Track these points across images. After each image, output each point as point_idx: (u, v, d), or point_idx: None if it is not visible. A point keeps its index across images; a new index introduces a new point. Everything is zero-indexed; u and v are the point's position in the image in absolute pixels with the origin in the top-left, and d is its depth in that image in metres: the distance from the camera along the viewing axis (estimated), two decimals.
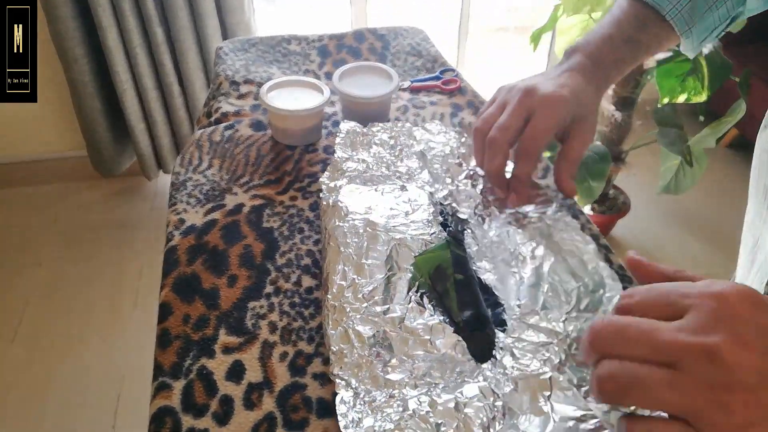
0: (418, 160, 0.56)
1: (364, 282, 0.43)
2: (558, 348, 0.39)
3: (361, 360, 0.38)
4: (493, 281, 0.45)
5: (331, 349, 0.39)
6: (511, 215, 0.50)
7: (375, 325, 0.40)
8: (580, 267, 0.43)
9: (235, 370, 0.41)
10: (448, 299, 0.42)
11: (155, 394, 0.40)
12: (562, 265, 0.44)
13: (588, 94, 0.51)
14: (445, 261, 0.44)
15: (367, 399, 0.36)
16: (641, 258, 0.32)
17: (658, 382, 0.24)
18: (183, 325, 0.44)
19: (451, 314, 0.41)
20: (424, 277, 0.43)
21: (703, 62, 1.12)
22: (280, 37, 0.83)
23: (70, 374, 1.38)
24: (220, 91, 0.73)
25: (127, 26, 1.50)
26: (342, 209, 0.48)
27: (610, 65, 0.53)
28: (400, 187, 0.52)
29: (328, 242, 0.46)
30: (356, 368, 0.38)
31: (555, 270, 0.44)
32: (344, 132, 0.58)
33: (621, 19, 0.53)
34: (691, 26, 0.52)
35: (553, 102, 0.48)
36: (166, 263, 0.49)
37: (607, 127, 1.52)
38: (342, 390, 0.36)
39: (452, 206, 0.51)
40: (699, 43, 0.54)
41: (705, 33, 0.53)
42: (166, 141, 1.76)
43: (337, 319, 0.40)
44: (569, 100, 0.49)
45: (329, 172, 0.53)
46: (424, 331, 0.40)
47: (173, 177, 0.59)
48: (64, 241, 1.75)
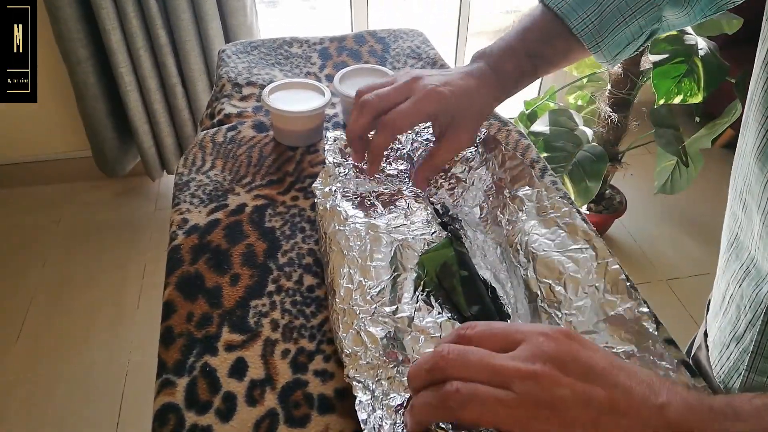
0: (406, 162, 0.57)
1: (371, 284, 0.43)
2: None
3: (377, 361, 0.38)
4: (489, 277, 0.46)
5: (345, 352, 0.39)
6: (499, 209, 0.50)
7: (385, 325, 0.40)
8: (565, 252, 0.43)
9: (237, 367, 0.42)
10: (455, 295, 0.42)
11: (159, 391, 0.40)
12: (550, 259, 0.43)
13: (476, 100, 0.51)
14: (450, 258, 0.44)
15: (385, 402, 0.36)
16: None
17: (493, 399, 0.28)
18: (186, 323, 0.45)
19: (459, 310, 0.42)
20: (430, 275, 0.43)
21: (700, 64, 1.12)
22: (282, 40, 0.84)
23: (74, 372, 1.39)
24: (222, 92, 0.74)
25: (130, 29, 1.51)
26: (341, 213, 0.48)
27: (510, 78, 0.53)
28: (396, 191, 0.53)
29: (330, 246, 0.46)
30: (372, 369, 0.38)
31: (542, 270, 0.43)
32: (331, 140, 0.58)
33: (528, 29, 0.53)
34: (600, 41, 0.51)
35: (428, 95, 0.49)
36: (169, 262, 0.50)
37: (604, 127, 1.53)
38: (360, 392, 0.36)
39: (444, 206, 0.52)
40: (614, 57, 0.54)
41: (617, 48, 0.53)
42: (169, 142, 1.76)
43: (347, 322, 0.40)
44: (446, 99, 0.49)
45: (321, 178, 0.53)
46: (434, 328, 0.40)
47: (177, 177, 0.60)
48: (69, 241, 1.75)
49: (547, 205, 0.47)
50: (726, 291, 0.49)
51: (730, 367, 0.47)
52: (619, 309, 0.39)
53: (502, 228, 0.48)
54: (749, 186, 0.42)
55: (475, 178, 0.54)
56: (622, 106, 1.49)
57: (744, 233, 0.45)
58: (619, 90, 1.46)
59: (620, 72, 1.43)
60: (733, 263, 0.47)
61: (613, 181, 1.72)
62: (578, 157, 1.38)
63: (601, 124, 1.53)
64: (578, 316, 0.40)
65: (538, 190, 0.48)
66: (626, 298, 0.39)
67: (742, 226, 0.45)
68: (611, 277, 0.40)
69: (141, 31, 1.53)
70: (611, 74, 1.46)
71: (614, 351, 0.37)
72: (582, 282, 0.41)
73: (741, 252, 0.45)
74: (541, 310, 0.41)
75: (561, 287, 0.41)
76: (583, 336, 0.32)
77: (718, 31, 1.29)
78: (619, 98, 1.48)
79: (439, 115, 0.50)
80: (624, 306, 0.39)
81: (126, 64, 1.57)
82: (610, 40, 0.52)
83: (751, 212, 0.42)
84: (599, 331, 0.39)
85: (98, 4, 1.45)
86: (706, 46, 1.17)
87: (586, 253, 0.42)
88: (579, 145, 1.40)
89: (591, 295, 0.40)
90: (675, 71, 1.13)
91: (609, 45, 0.52)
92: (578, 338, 0.31)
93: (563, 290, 0.41)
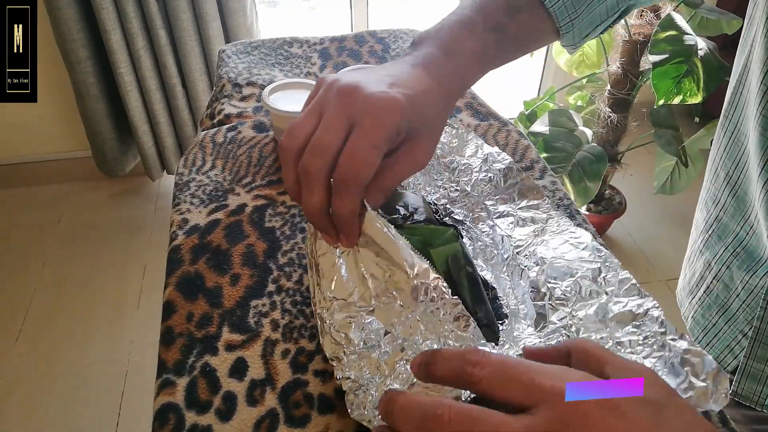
0: None
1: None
2: (565, 337, 0.39)
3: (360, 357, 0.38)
4: (490, 279, 0.46)
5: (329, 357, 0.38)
6: (504, 217, 0.50)
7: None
8: (576, 261, 0.44)
9: (237, 367, 0.42)
10: (461, 289, 0.42)
11: (159, 390, 0.40)
12: (558, 264, 0.44)
13: (432, 100, 0.38)
14: (458, 252, 0.43)
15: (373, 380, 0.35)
16: (534, 348, 0.31)
17: None
18: (186, 323, 0.45)
19: (465, 305, 0.41)
20: (441, 268, 0.42)
21: (699, 64, 1.13)
22: (282, 40, 0.84)
23: (74, 372, 1.39)
24: (222, 93, 0.74)
25: (130, 29, 1.51)
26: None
27: (468, 59, 0.40)
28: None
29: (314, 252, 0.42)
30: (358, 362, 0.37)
31: (550, 272, 0.44)
32: None
33: (487, 1, 0.42)
34: (574, 18, 0.44)
35: (382, 108, 0.34)
36: (169, 262, 0.50)
37: (604, 128, 1.53)
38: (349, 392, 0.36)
39: (446, 208, 0.52)
40: (581, 39, 0.47)
41: (589, 28, 0.46)
42: (169, 142, 1.77)
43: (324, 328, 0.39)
44: (404, 105, 0.34)
45: None
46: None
47: (177, 178, 0.60)
48: (68, 241, 1.76)
49: (555, 225, 0.48)
50: (706, 271, 0.49)
51: (723, 348, 0.48)
52: (628, 306, 0.39)
53: (505, 235, 0.48)
54: (747, 173, 0.42)
55: (478, 188, 0.53)
56: (621, 106, 1.49)
57: (729, 216, 0.45)
58: (619, 90, 1.46)
59: (620, 72, 1.44)
60: (716, 245, 0.47)
61: (613, 182, 1.72)
62: (578, 157, 1.38)
63: (600, 124, 1.54)
64: (585, 311, 0.40)
65: (546, 207, 0.49)
66: (635, 297, 0.40)
67: (727, 209, 0.45)
68: (622, 284, 0.41)
69: (141, 31, 1.53)
70: (611, 75, 1.47)
71: (619, 340, 0.38)
72: (592, 286, 0.42)
73: (724, 234, 0.46)
74: (549, 308, 0.42)
75: (570, 288, 0.42)
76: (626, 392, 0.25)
77: (718, 31, 1.30)
78: (618, 99, 1.48)
79: (401, 129, 0.35)
80: (633, 303, 0.39)
81: (126, 64, 1.57)
82: (585, 17, 0.45)
83: (744, 197, 0.42)
84: (605, 324, 0.39)
85: (98, 4, 1.45)
86: (705, 46, 1.17)
87: (598, 264, 0.43)
88: (578, 145, 1.41)
89: (599, 295, 0.41)
90: (674, 71, 1.13)
91: (582, 23, 0.45)
92: (614, 402, 0.24)
93: (571, 290, 0.42)
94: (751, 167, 0.44)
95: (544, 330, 0.41)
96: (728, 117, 0.48)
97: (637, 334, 0.38)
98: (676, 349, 0.35)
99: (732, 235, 0.45)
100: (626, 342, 0.37)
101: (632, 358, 0.36)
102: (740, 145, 0.46)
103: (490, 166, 0.53)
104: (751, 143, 0.44)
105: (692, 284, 0.54)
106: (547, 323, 0.41)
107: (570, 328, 0.40)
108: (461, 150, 0.55)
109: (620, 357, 0.28)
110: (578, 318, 0.40)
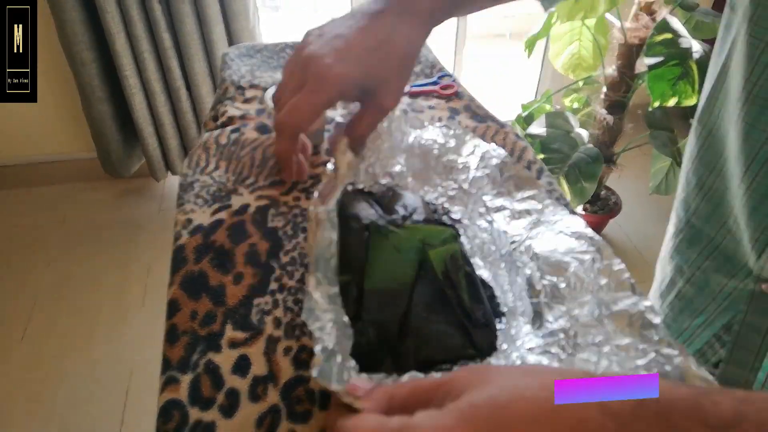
0: (404, 161, 0.56)
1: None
2: (565, 342, 0.39)
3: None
4: (487, 277, 0.46)
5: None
6: (501, 211, 0.50)
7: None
8: (569, 254, 0.43)
9: (240, 364, 0.42)
10: (460, 289, 0.42)
11: (163, 387, 0.41)
12: (552, 258, 0.44)
13: (392, 49, 0.41)
14: (456, 252, 0.44)
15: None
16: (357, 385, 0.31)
17: None
18: (190, 321, 0.45)
19: (462, 305, 0.41)
20: (439, 268, 0.42)
21: (694, 67, 1.14)
22: (284, 44, 0.85)
23: (79, 370, 1.40)
24: (226, 95, 0.74)
25: (135, 32, 1.52)
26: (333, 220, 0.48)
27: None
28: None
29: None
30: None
31: (545, 268, 0.44)
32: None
33: None
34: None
35: (324, 80, 0.40)
36: (174, 261, 0.50)
37: (600, 129, 1.54)
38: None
39: (444, 206, 0.52)
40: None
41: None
42: (173, 143, 1.77)
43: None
44: (348, 77, 0.40)
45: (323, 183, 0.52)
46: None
47: (181, 178, 0.60)
48: (73, 241, 1.76)
49: (551, 215, 0.47)
50: (677, 275, 0.49)
51: (694, 352, 0.48)
52: (622, 304, 0.39)
53: (502, 230, 0.49)
54: (723, 179, 0.43)
55: (476, 185, 0.53)
56: (617, 108, 1.50)
57: (702, 220, 0.45)
58: (615, 93, 1.47)
59: (616, 75, 1.45)
60: (687, 249, 0.47)
61: (609, 182, 1.73)
62: (574, 158, 1.39)
63: (596, 126, 1.55)
64: (580, 309, 0.40)
65: (541, 197, 0.49)
66: (630, 294, 0.39)
67: (700, 215, 0.45)
68: (615, 276, 0.41)
69: (145, 34, 1.54)
70: (607, 77, 1.48)
71: (617, 344, 0.37)
72: (585, 280, 0.41)
73: (696, 239, 0.46)
74: (544, 305, 0.42)
75: (564, 284, 0.42)
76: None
77: (713, 34, 1.31)
78: (614, 101, 1.49)
79: (345, 93, 0.41)
80: (627, 301, 0.39)
81: (131, 67, 1.58)
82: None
83: (721, 201, 0.43)
84: (602, 324, 0.39)
85: (103, 8, 1.46)
86: (700, 49, 1.18)
87: (590, 255, 0.42)
88: (575, 146, 1.42)
89: (594, 291, 0.41)
90: (670, 74, 1.14)
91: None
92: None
93: (566, 287, 0.42)
94: (730, 173, 0.44)
95: (542, 330, 0.41)
96: (702, 123, 0.48)
97: (634, 336, 0.37)
98: (669, 355, 0.36)
99: (706, 240, 0.45)
100: (624, 345, 0.37)
101: (629, 363, 0.36)
102: (715, 151, 0.46)
103: (486, 163, 0.54)
104: (730, 150, 0.44)
105: (662, 288, 0.54)
106: (544, 322, 0.41)
107: (569, 331, 0.39)
108: (459, 150, 0.56)
109: None
110: (575, 318, 0.40)
